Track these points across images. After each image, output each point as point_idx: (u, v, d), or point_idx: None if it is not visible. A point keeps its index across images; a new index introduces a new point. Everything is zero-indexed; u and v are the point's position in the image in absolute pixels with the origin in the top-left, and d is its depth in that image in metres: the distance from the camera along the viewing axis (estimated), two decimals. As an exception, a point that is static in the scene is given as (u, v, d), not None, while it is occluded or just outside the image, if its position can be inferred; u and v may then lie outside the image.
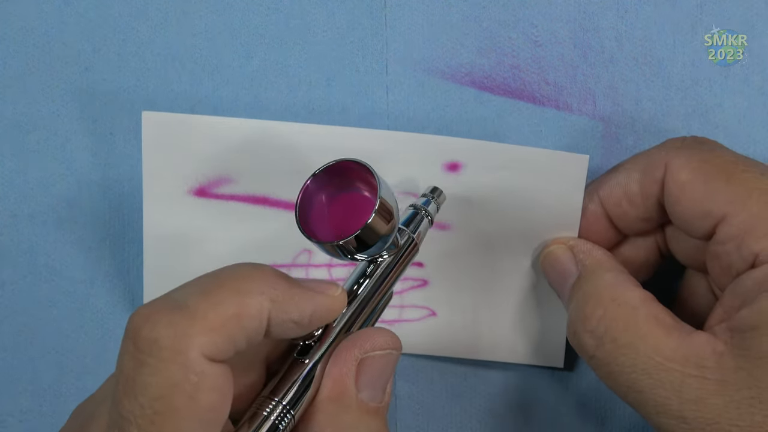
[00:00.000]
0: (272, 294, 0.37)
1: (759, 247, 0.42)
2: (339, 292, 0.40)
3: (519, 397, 0.54)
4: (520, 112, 0.52)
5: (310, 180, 0.42)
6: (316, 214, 0.42)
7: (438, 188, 0.47)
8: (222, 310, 0.36)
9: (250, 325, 0.36)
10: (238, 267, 0.38)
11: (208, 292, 0.36)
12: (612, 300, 0.44)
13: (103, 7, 0.53)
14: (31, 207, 0.54)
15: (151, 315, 0.35)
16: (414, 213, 0.46)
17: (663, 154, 0.46)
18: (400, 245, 0.44)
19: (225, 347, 0.36)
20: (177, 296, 0.36)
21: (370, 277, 0.43)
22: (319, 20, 0.52)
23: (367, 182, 0.42)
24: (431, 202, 0.47)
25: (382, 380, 0.40)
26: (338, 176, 0.42)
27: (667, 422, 0.42)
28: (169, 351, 0.35)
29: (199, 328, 0.35)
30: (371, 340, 0.41)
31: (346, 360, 0.40)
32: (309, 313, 0.39)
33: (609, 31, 0.52)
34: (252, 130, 0.49)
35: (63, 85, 0.53)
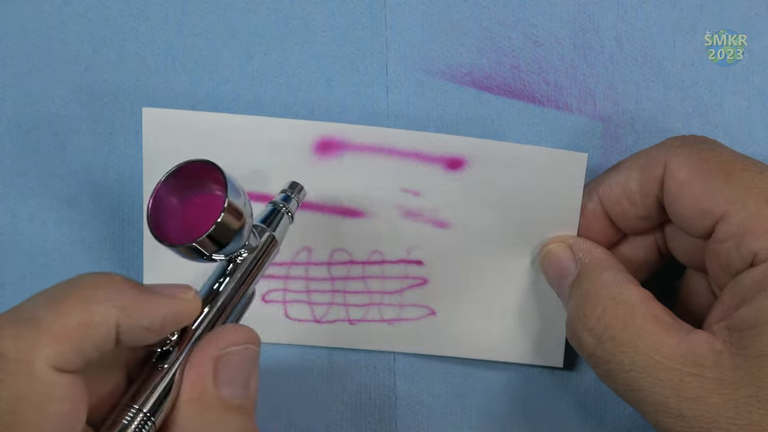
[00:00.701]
0: (119, 301, 0.37)
1: (758, 245, 0.42)
2: (191, 295, 0.40)
3: (519, 397, 0.54)
4: (520, 112, 0.52)
5: (160, 184, 0.42)
6: (170, 217, 0.42)
7: (298, 183, 0.47)
8: (68, 320, 0.36)
9: (97, 333, 0.36)
10: (85, 276, 0.38)
11: (54, 303, 0.36)
12: (611, 298, 0.44)
13: (103, 7, 0.53)
14: (31, 207, 0.54)
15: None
16: (273, 209, 0.45)
17: (662, 153, 0.46)
18: (260, 243, 0.43)
19: (72, 357, 0.36)
20: (23, 308, 0.36)
21: (229, 276, 0.42)
22: (319, 20, 0.52)
23: (218, 182, 0.41)
24: (291, 199, 0.46)
25: (242, 376, 0.40)
26: (190, 178, 0.42)
27: (665, 421, 0.42)
28: (15, 363, 0.35)
29: (45, 340, 0.35)
30: (226, 337, 0.40)
31: (202, 359, 0.39)
32: (159, 318, 0.38)
33: (609, 31, 0.52)
34: (252, 127, 0.49)
35: (63, 85, 0.53)
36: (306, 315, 0.52)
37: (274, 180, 0.50)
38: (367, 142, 0.50)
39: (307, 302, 0.52)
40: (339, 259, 0.51)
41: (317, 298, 0.52)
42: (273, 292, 0.52)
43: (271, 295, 0.52)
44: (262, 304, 0.52)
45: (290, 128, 0.50)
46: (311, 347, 0.54)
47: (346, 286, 0.52)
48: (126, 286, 0.38)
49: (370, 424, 0.54)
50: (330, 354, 0.54)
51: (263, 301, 0.52)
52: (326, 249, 0.51)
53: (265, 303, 0.52)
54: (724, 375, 0.41)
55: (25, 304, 0.37)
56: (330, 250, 0.51)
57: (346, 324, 0.52)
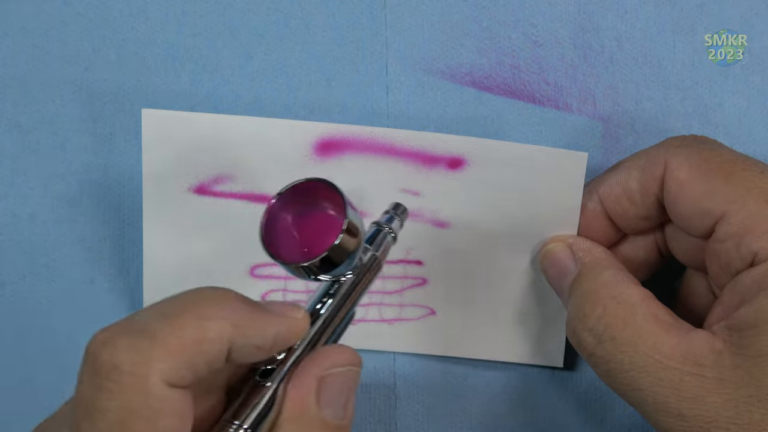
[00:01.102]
0: (234, 319, 0.37)
1: (758, 245, 0.42)
2: (301, 315, 0.40)
3: (519, 397, 0.54)
4: (520, 112, 0.52)
5: (275, 199, 0.41)
6: (282, 233, 0.42)
7: (401, 204, 0.47)
8: (183, 335, 0.35)
9: (211, 350, 0.36)
10: (200, 291, 0.38)
11: (169, 317, 0.36)
12: (611, 298, 0.44)
13: (103, 7, 0.53)
14: (31, 207, 0.54)
15: (111, 339, 0.35)
16: (377, 230, 0.45)
17: (662, 153, 0.46)
18: (363, 263, 0.43)
19: (185, 373, 0.35)
20: (137, 320, 0.36)
21: (333, 296, 0.42)
22: (319, 20, 0.52)
23: (333, 201, 0.41)
24: (395, 219, 0.46)
25: (342, 397, 0.40)
26: (304, 195, 0.42)
27: (665, 420, 0.42)
28: (129, 376, 0.34)
29: (159, 354, 0.35)
30: (330, 357, 0.40)
31: (306, 379, 0.39)
32: (271, 337, 0.38)
33: (609, 31, 0.52)
34: (252, 127, 0.49)
35: (63, 85, 0.53)
36: (306, 315, 0.52)
37: (274, 181, 0.50)
38: (367, 142, 0.50)
39: (307, 302, 0.52)
40: None
41: None
42: (273, 293, 0.52)
43: (271, 296, 0.52)
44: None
45: (290, 129, 0.50)
46: (311, 347, 0.54)
47: (346, 286, 0.52)
48: (240, 303, 0.38)
49: (370, 424, 0.54)
50: (330, 354, 0.54)
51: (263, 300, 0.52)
52: (326, 249, 0.51)
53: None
54: (724, 375, 0.41)
55: (137, 315, 0.37)
56: (330, 250, 0.51)
57: (345, 324, 0.52)
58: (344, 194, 0.40)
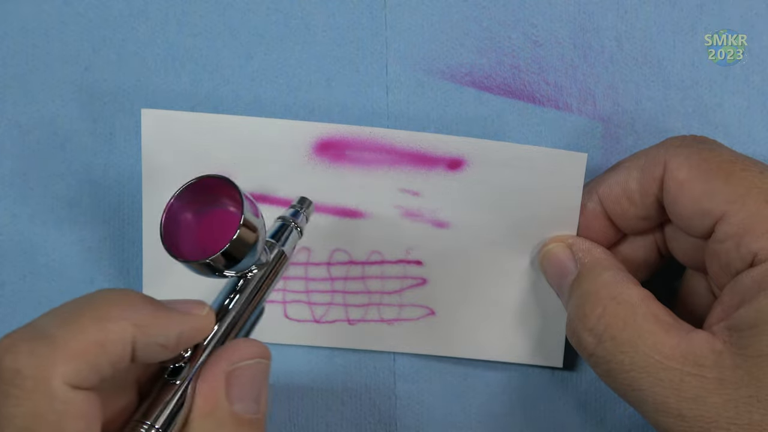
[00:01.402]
0: (135, 319, 0.37)
1: (758, 245, 0.42)
2: (206, 312, 0.40)
3: (519, 397, 0.54)
4: (520, 112, 0.52)
5: (173, 198, 0.41)
6: (183, 232, 0.41)
7: (307, 199, 0.47)
8: (84, 337, 0.35)
9: (113, 351, 0.36)
10: (101, 293, 0.38)
11: (69, 320, 0.36)
12: (611, 298, 0.44)
13: (103, 7, 0.53)
14: (31, 207, 0.54)
15: (12, 345, 0.35)
16: (282, 225, 0.45)
17: (662, 153, 0.46)
18: (270, 258, 0.43)
19: (89, 374, 0.35)
20: (39, 325, 0.36)
21: (240, 292, 0.42)
22: (319, 20, 0.52)
23: (232, 197, 0.41)
24: (300, 214, 0.46)
25: (254, 391, 0.40)
26: (203, 193, 0.42)
27: (665, 420, 0.42)
28: (32, 381, 0.34)
29: (61, 357, 0.35)
30: (238, 351, 0.40)
31: (214, 374, 0.39)
32: (175, 335, 0.38)
33: (609, 31, 0.52)
34: (251, 127, 0.49)
35: (63, 85, 0.53)
36: (305, 315, 0.52)
37: (274, 181, 0.50)
38: (367, 142, 0.50)
39: (307, 302, 0.52)
40: (338, 260, 0.51)
41: (317, 299, 0.52)
42: (272, 293, 0.52)
43: (271, 296, 0.52)
44: (262, 304, 0.52)
45: (290, 129, 0.50)
46: (311, 347, 0.54)
47: (346, 287, 0.52)
48: (142, 302, 0.38)
49: (370, 424, 0.54)
50: (330, 354, 0.54)
51: None
52: (326, 249, 0.51)
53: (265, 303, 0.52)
54: (724, 375, 0.41)
55: (40, 320, 0.37)
56: (329, 250, 0.51)
57: (345, 324, 0.52)
58: (241, 190, 0.40)
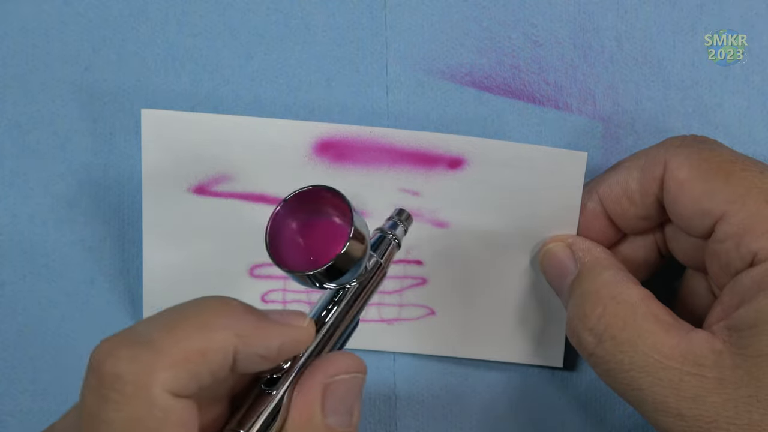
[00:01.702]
0: (238, 328, 0.37)
1: (757, 245, 0.42)
2: (306, 323, 0.40)
3: (519, 397, 0.54)
4: (520, 112, 0.52)
5: (280, 206, 0.41)
6: (287, 241, 0.41)
7: (405, 210, 0.46)
8: (186, 345, 0.35)
9: (215, 360, 0.36)
10: (204, 300, 0.38)
11: (172, 327, 0.36)
12: (611, 298, 0.44)
13: (103, 7, 0.53)
14: (31, 207, 0.54)
15: (114, 349, 0.35)
16: (381, 237, 0.45)
17: (662, 153, 0.46)
18: (368, 270, 0.43)
19: (189, 383, 0.35)
20: (140, 330, 0.36)
21: (337, 303, 0.42)
22: (319, 20, 0.52)
23: (338, 208, 0.41)
24: (399, 225, 0.45)
25: (348, 404, 0.39)
26: (309, 202, 0.41)
27: (665, 420, 0.42)
28: (132, 386, 0.34)
29: (162, 364, 0.35)
30: (335, 364, 0.40)
31: (311, 387, 0.39)
32: (276, 347, 0.38)
33: (609, 31, 0.52)
34: (251, 128, 0.49)
35: (63, 85, 0.53)
36: (305, 315, 0.52)
37: (274, 181, 0.50)
38: (367, 142, 0.50)
39: (307, 302, 0.52)
40: None
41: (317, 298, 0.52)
42: (272, 293, 0.52)
43: (271, 296, 0.52)
44: (262, 305, 0.52)
45: (290, 129, 0.50)
46: (311, 347, 0.54)
47: (346, 286, 0.52)
48: (244, 312, 0.38)
49: (370, 424, 0.54)
50: (330, 354, 0.54)
51: (262, 301, 0.52)
52: (326, 249, 0.51)
53: (265, 303, 0.52)
54: (724, 375, 0.41)
55: (140, 325, 0.37)
56: (329, 250, 0.51)
57: (345, 324, 0.52)
58: (350, 202, 0.40)
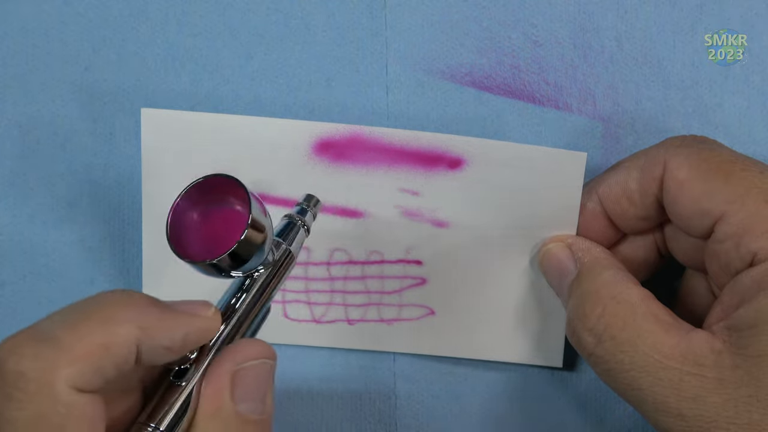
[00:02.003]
0: (140, 321, 0.36)
1: (757, 245, 0.42)
2: (212, 312, 0.39)
3: (519, 397, 0.54)
4: (520, 112, 0.52)
5: (179, 198, 0.41)
6: (189, 232, 0.41)
7: (314, 196, 0.46)
8: (88, 339, 0.35)
9: (118, 353, 0.36)
10: (105, 295, 0.38)
11: (74, 322, 0.36)
12: (611, 298, 0.44)
13: (103, 7, 0.53)
14: (31, 207, 0.54)
15: (16, 347, 0.35)
16: (289, 223, 0.44)
17: (662, 153, 0.46)
18: (276, 257, 0.43)
19: (93, 377, 0.35)
20: (43, 327, 0.36)
21: (246, 291, 0.41)
22: (319, 20, 0.52)
23: (238, 197, 0.41)
24: (307, 211, 0.45)
25: (259, 391, 0.39)
26: (209, 192, 0.41)
27: (665, 420, 0.42)
28: (35, 383, 0.34)
29: (65, 359, 0.35)
30: (243, 351, 0.39)
31: (219, 375, 0.39)
32: (180, 337, 0.38)
33: (609, 31, 0.52)
34: (251, 127, 0.49)
35: (63, 84, 0.53)
36: (305, 315, 0.52)
37: (274, 180, 0.50)
38: (367, 141, 0.50)
39: (306, 302, 0.52)
40: (338, 259, 0.51)
41: (316, 298, 0.52)
42: None
43: (271, 295, 0.52)
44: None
45: (289, 128, 0.50)
46: (311, 348, 0.54)
47: (345, 286, 0.52)
48: (146, 304, 0.38)
49: (370, 424, 0.54)
50: (330, 354, 0.54)
51: None
52: (325, 249, 0.51)
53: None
54: (724, 374, 0.41)
55: (43, 322, 0.36)
56: (329, 250, 0.51)
57: (345, 324, 0.52)
58: (248, 189, 0.40)
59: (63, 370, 0.34)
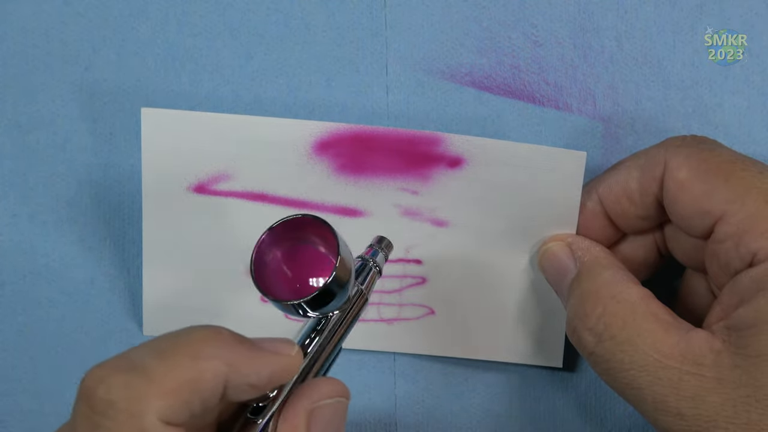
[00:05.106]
0: (229, 358, 0.37)
1: (757, 245, 0.42)
2: (295, 352, 0.39)
3: (519, 397, 0.54)
4: (520, 112, 0.52)
5: (265, 234, 0.41)
6: (272, 269, 0.41)
7: (385, 238, 0.46)
8: (179, 374, 0.35)
9: (206, 389, 0.36)
10: (196, 329, 0.38)
11: (164, 355, 0.36)
12: (611, 297, 0.44)
13: (103, 7, 0.53)
14: (31, 207, 0.54)
15: (107, 376, 0.35)
16: (363, 264, 0.45)
17: (662, 153, 0.46)
18: (351, 298, 0.43)
19: (181, 411, 0.35)
20: (133, 357, 0.36)
21: (320, 332, 0.42)
22: (319, 20, 0.52)
23: (324, 237, 0.41)
24: (379, 253, 0.46)
25: (332, 429, 0.40)
26: (295, 230, 0.41)
27: (664, 419, 0.42)
28: (125, 414, 0.34)
29: (155, 392, 0.35)
30: (319, 390, 0.40)
31: (296, 413, 0.39)
32: (267, 375, 0.38)
33: (609, 31, 0.52)
34: (250, 127, 0.49)
35: (63, 84, 0.53)
36: (305, 315, 0.52)
37: (274, 180, 0.50)
38: (367, 141, 0.50)
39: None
40: None
41: None
42: None
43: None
44: (261, 304, 0.52)
45: (289, 128, 0.50)
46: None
47: (345, 286, 0.52)
48: (235, 342, 0.38)
49: (370, 424, 0.54)
50: (330, 354, 0.54)
51: (262, 301, 0.52)
52: (325, 248, 0.51)
53: (264, 303, 0.52)
54: (723, 374, 0.41)
55: (133, 352, 0.36)
56: (329, 249, 0.51)
57: (345, 324, 0.52)
58: (336, 232, 0.40)
59: (154, 402, 0.35)
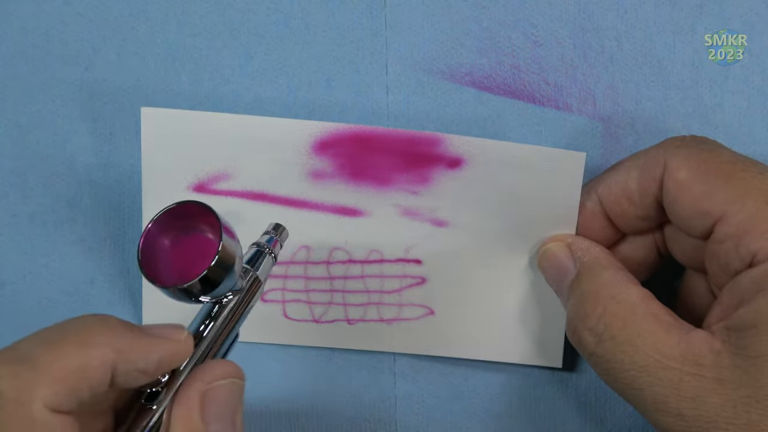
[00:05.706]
0: (116, 344, 0.37)
1: (757, 246, 0.42)
2: (185, 336, 0.40)
3: (519, 397, 0.54)
4: (520, 112, 0.52)
5: (151, 223, 0.42)
6: (160, 257, 0.42)
7: (281, 225, 0.47)
8: (66, 362, 0.36)
9: (94, 376, 0.36)
10: (84, 318, 0.38)
11: (51, 344, 0.36)
12: (611, 297, 0.44)
13: (103, 7, 0.53)
14: (31, 207, 0.54)
15: None
16: (257, 251, 0.45)
17: (662, 153, 0.46)
18: (244, 284, 0.43)
19: (69, 399, 0.36)
20: (21, 348, 0.36)
21: (215, 318, 0.42)
22: (319, 20, 0.52)
23: (211, 224, 0.41)
24: (275, 239, 0.46)
25: (228, 411, 0.39)
26: (181, 219, 0.42)
27: (665, 420, 0.42)
28: (13, 403, 0.35)
29: (43, 380, 0.35)
30: (211, 372, 0.40)
31: (189, 396, 0.39)
32: (155, 361, 0.38)
33: (609, 31, 0.52)
34: (250, 126, 0.49)
35: (63, 84, 0.53)
36: (305, 315, 0.52)
37: (274, 179, 0.50)
38: (367, 141, 0.50)
39: (306, 302, 0.52)
40: (338, 259, 0.52)
41: (316, 298, 0.52)
42: (272, 292, 0.52)
43: (270, 295, 0.52)
44: (261, 304, 0.52)
45: (289, 128, 0.50)
46: (311, 347, 0.54)
47: (345, 286, 0.52)
48: (122, 328, 0.38)
49: (370, 424, 0.54)
50: (330, 354, 0.54)
51: (262, 300, 0.52)
52: (325, 248, 0.51)
53: (264, 303, 0.52)
54: (723, 375, 0.41)
55: (21, 343, 0.37)
56: (329, 249, 0.51)
57: (344, 324, 0.52)
58: (220, 217, 0.41)
59: (40, 391, 0.35)
